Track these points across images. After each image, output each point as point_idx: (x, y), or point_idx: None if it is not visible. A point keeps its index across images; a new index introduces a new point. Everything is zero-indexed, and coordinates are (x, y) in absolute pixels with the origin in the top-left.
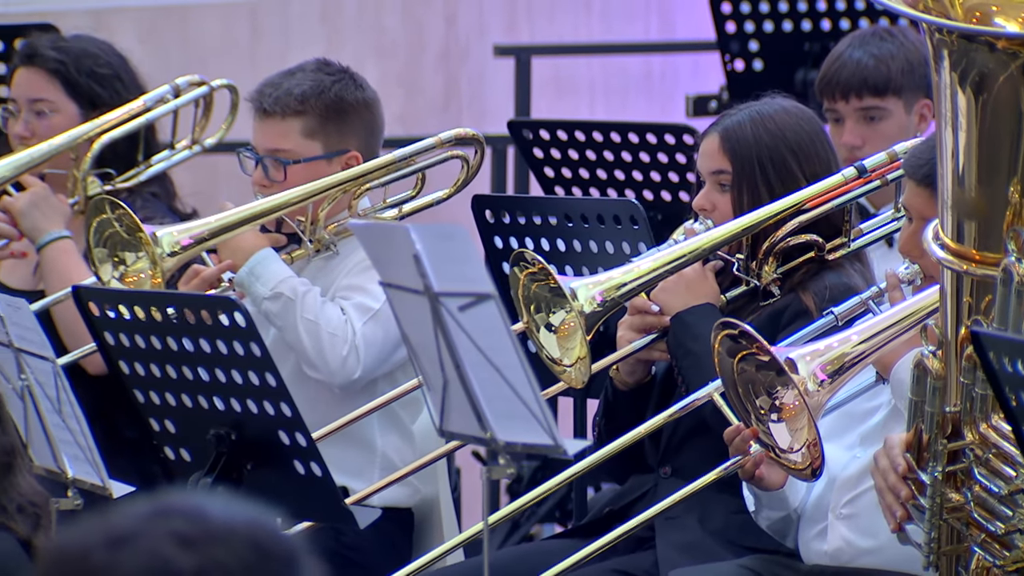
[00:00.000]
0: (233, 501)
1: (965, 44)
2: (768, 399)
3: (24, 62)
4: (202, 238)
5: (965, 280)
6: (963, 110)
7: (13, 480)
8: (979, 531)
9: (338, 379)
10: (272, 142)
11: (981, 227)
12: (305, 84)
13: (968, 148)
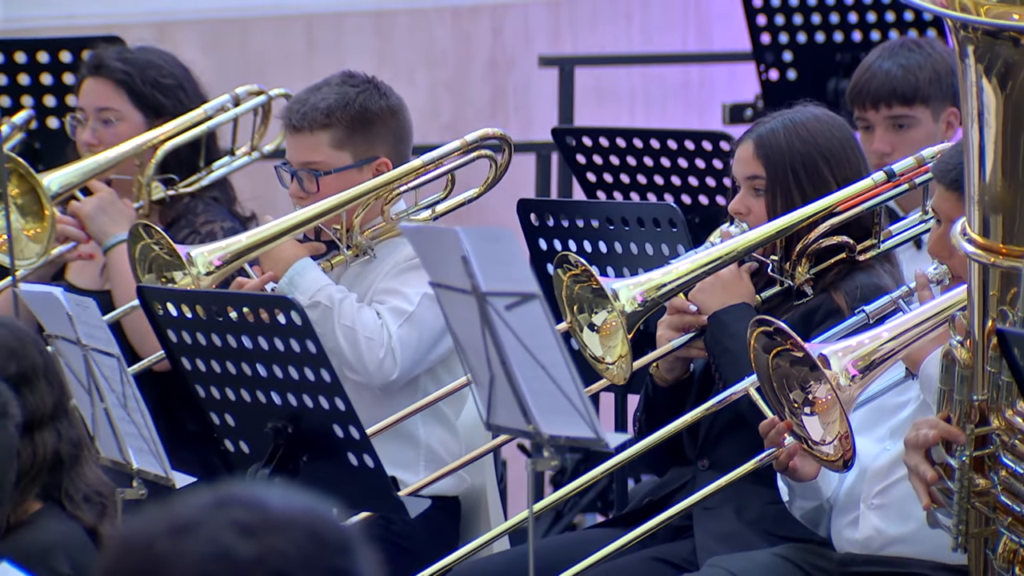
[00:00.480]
0: (291, 492)
1: (990, 40)
2: (801, 393)
3: (91, 72)
4: (233, 257)
5: (992, 273)
6: (988, 106)
7: (80, 471)
8: (1005, 514)
9: (376, 381)
10: (303, 156)
11: (1006, 221)
12: (330, 98)
13: (993, 143)
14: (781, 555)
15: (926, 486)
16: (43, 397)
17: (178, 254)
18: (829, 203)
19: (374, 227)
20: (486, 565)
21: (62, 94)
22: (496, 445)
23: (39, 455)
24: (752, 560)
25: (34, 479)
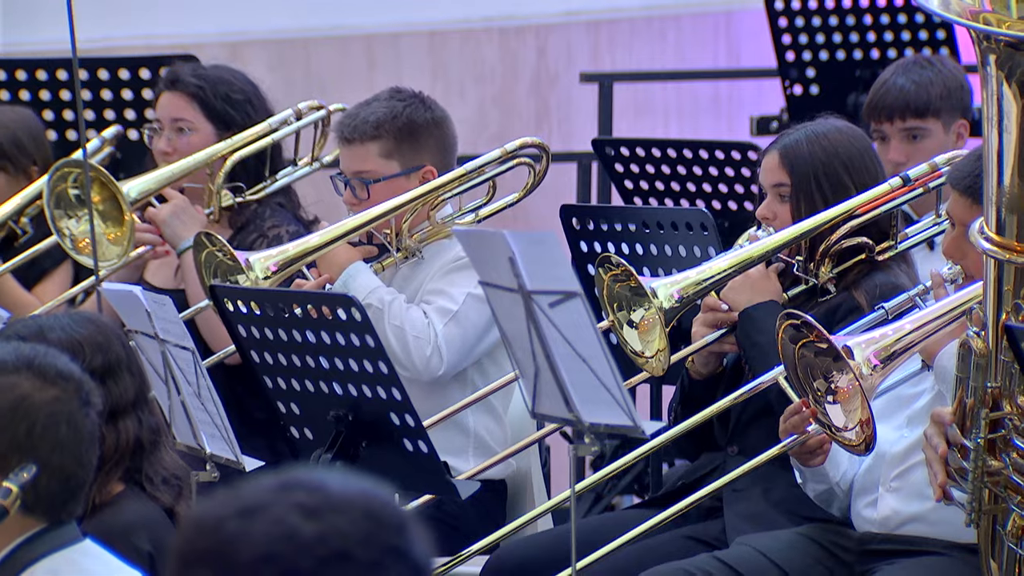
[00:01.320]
0: (350, 476)
1: (1011, 51)
2: (825, 383)
3: (168, 87)
4: (289, 262)
5: (1007, 269)
6: (1008, 112)
7: (159, 455)
8: (1016, 493)
9: (424, 377)
10: (355, 165)
11: (1021, 221)
12: (379, 111)
13: (1013, 148)
14: (804, 534)
15: (941, 460)
16: (125, 388)
17: (238, 260)
18: (849, 207)
19: (421, 231)
20: (531, 542)
21: (141, 108)
22: (543, 435)
23: (121, 441)
24: (777, 539)
25: (117, 463)
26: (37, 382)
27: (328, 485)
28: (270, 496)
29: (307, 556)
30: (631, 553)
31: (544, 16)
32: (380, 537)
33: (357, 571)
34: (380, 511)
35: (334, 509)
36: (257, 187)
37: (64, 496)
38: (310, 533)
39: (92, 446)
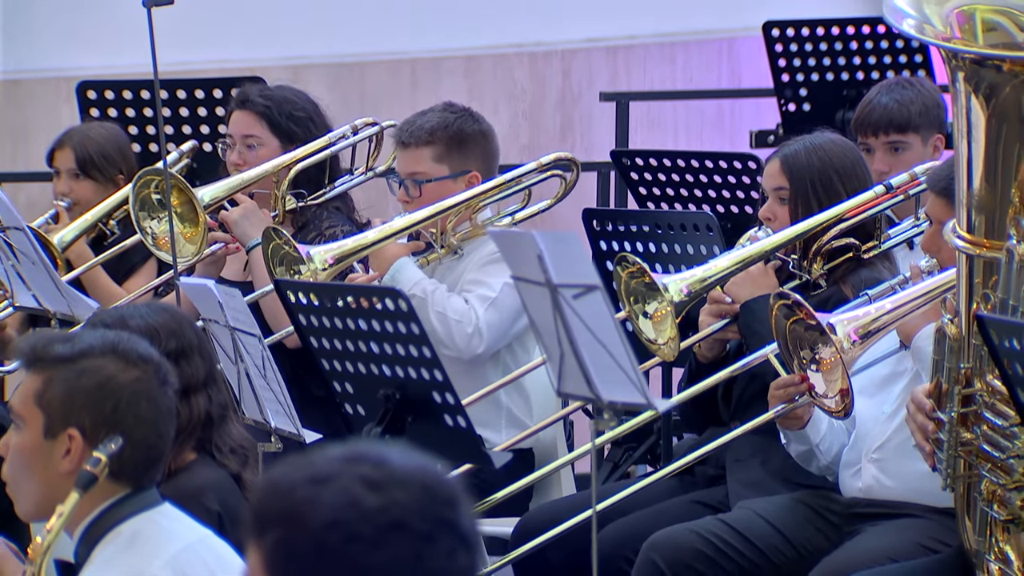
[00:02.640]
0: (409, 451)
1: (976, 67)
2: (811, 353)
3: (238, 106)
4: (344, 256)
5: (976, 263)
6: (976, 123)
7: (227, 428)
8: (986, 461)
9: (466, 355)
10: (410, 167)
11: (989, 220)
12: (433, 120)
13: (979, 155)
14: (798, 499)
15: (924, 434)
16: (197, 368)
17: (300, 252)
18: (840, 211)
19: (463, 230)
20: (556, 506)
21: (214, 124)
22: (567, 412)
23: (194, 415)
24: (774, 503)
25: (190, 434)
26: (121, 364)
27: (390, 460)
28: (338, 467)
29: (368, 524)
30: (644, 516)
31: (568, 42)
32: (434, 510)
33: (412, 540)
34: (436, 486)
35: (395, 483)
36: (317, 193)
37: (145, 465)
38: (373, 504)
39: (169, 420)
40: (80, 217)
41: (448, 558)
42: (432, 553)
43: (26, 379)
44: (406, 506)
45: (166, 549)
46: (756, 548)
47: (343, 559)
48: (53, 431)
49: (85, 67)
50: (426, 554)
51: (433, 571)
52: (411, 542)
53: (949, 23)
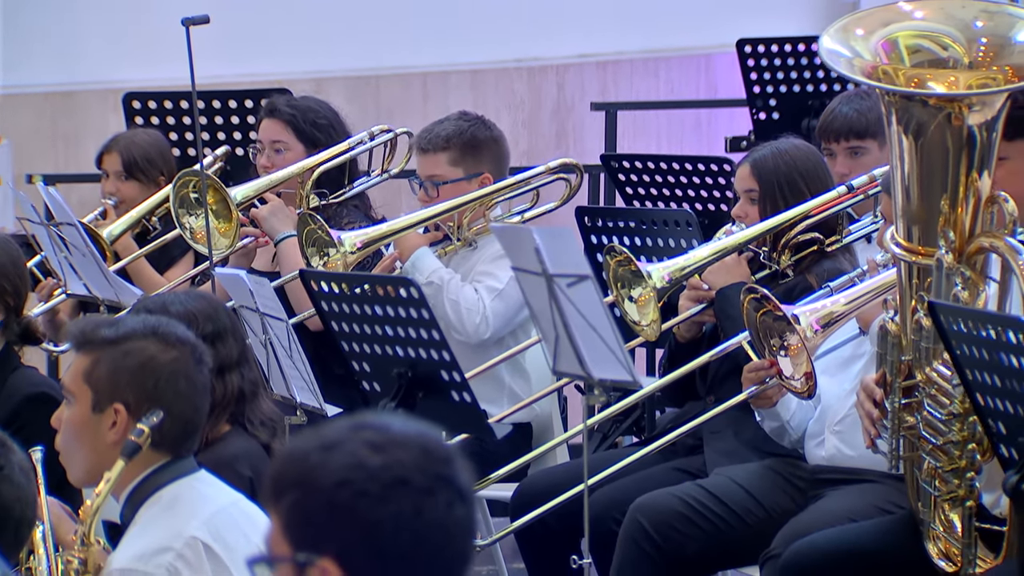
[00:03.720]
0: (408, 419)
1: (906, 102)
2: (779, 341)
3: (267, 114)
4: (371, 241)
5: (913, 267)
6: (906, 151)
7: (258, 403)
8: (927, 443)
9: (473, 340)
10: (428, 170)
11: (922, 231)
12: (449, 128)
13: (912, 176)
14: (768, 466)
15: (871, 421)
16: (231, 349)
17: (332, 236)
18: (805, 209)
19: (477, 226)
20: (552, 472)
21: (246, 131)
22: (561, 385)
23: (228, 391)
24: (747, 470)
25: (224, 408)
26: (161, 346)
27: (391, 426)
28: (345, 434)
29: (374, 482)
30: (631, 482)
31: (563, 58)
32: (432, 467)
33: (413, 494)
34: (432, 447)
35: (396, 445)
36: (337, 192)
37: (183, 435)
38: (376, 463)
39: (204, 396)
40: (126, 214)
41: (446, 510)
42: (432, 506)
43: (76, 359)
44: (406, 464)
45: (202, 511)
46: (731, 510)
47: (353, 514)
48: (100, 406)
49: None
50: (426, 507)
51: (433, 522)
52: (412, 496)
53: (877, 53)
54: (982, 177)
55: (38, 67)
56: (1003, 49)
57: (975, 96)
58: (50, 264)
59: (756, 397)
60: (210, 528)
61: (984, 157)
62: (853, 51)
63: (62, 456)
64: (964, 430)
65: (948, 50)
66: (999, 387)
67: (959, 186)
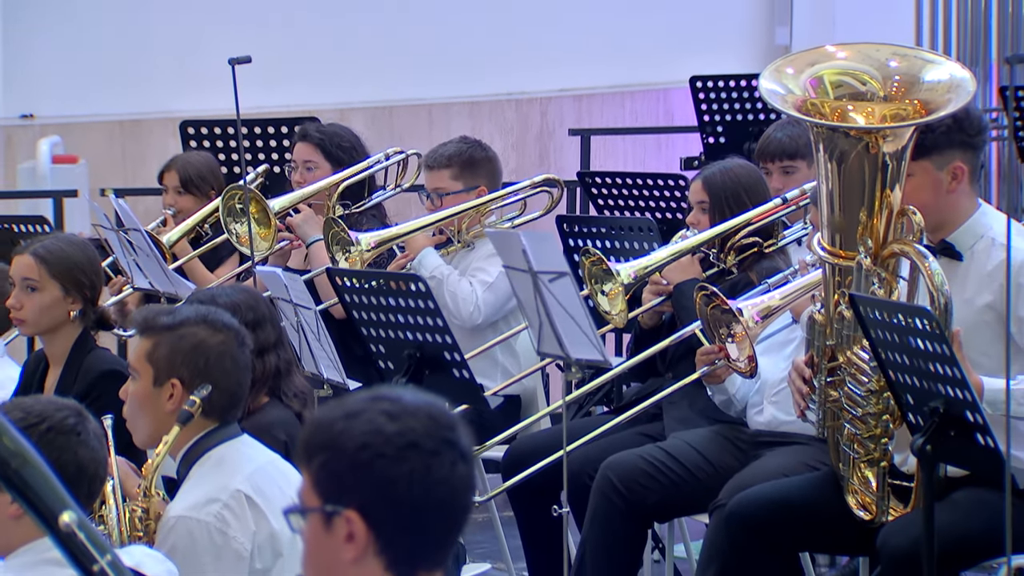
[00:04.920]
0: (418, 392)
1: (830, 133)
2: (726, 330)
3: (300, 139)
4: (384, 241)
5: (836, 268)
6: (830, 173)
7: (292, 379)
8: (848, 414)
9: (468, 325)
10: (434, 183)
11: (844, 238)
12: (451, 149)
13: (835, 193)
14: (716, 431)
15: (801, 396)
16: (269, 334)
17: (351, 236)
18: (747, 217)
19: (474, 230)
20: (537, 437)
21: (282, 152)
22: (543, 365)
23: (266, 368)
24: (698, 434)
25: (263, 383)
26: (210, 331)
27: (404, 397)
28: (365, 404)
29: (390, 445)
30: (600, 445)
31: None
32: (438, 433)
33: (422, 456)
34: (439, 415)
35: (408, 414)
36: (358, 204)
37: (229, 406)
38: (392, 430)
39: (246, 372)
40: (182, 222)
41: (451, 468)
42: (438, 465)
43: (140, 342)
44: (417, 430)
45: (244, 468)
46: (685, 468)
47: (372, 472)
48: (160, 381)
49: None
50: (433, 466)
51: (440, 479)
52: (422, 457)
53: (806, 88)
54: (894, 192)
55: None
56: (913, 86)
57: (888, 129)
58: (120, 264)
59: (707, 376)
60: (251, 483)
61: (895, 177)
62: (786, 88)
63: (128, 423)
64: (879, 403)
65: (866, 85)
66: (908, 365)
67: (875, 201)
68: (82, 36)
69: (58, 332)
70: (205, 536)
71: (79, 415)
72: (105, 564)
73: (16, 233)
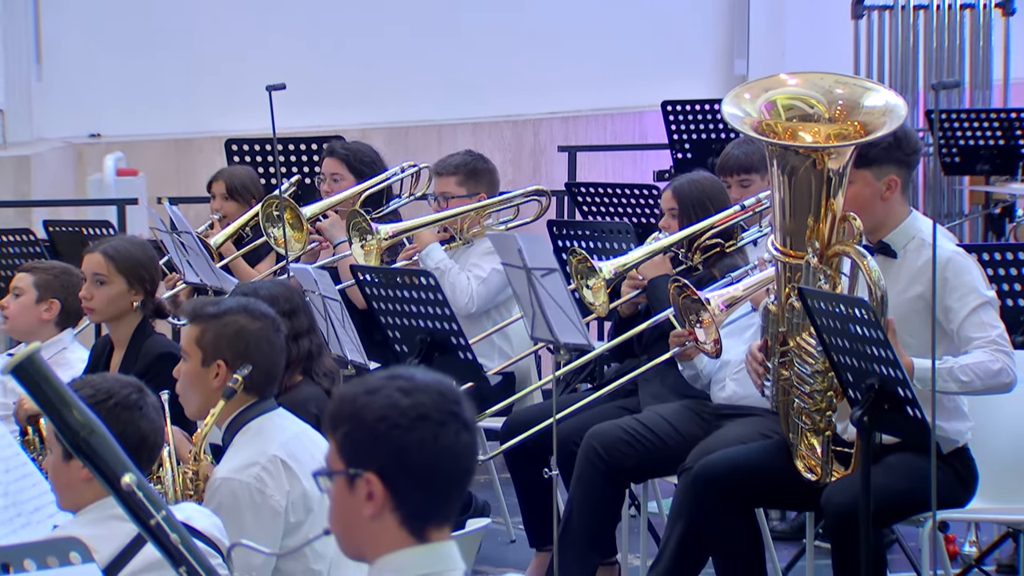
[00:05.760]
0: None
1: (782, 151)
2: (695, 316)
3: (328, 154)
4: (398, 232)
5: (788, 266)
6: (782, 185)
7: (322, 360)
8: (797, 390)
9: (463, 313)
10: (441, 188)
11: (794, 240)
12: (458, 159)
13: (786, 202)
14: (685, 405)
15: (758, 375)
16: (302, 321)
17: (371, 227)
18: (710, 222)
19: (474, 230)
20: (530, 409)
21: (312, 166)
22: (536, 349)
23: (300, 351)
24: (669, 407)
25: (297, 364)
26: (250, 319)
27: (416, 376)
28: (383, 382)
29: (404, 417)
30: (585, 416)
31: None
32: (445, 406)
33: (432, 426)
34: (446, 391)
35: (419, 390)
36: (378, 210)
37: (266, 383)
38: (406, 403)
39: (282, 354)
40: (227, 226)
41: (456, 437)
42: (445, 434)
43: (189, 328)
44: (427, 404)
45: (280, 437)
46: (658, 436)
47: (388, 441)
48: (207, 362)
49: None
50: (440, 435)
51: (446, 446)
52: (431, 427)
53: (761, 111)
54: (837, 201)
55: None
56: (854, 110)
57: (832, 148)
58: (173, 262)
59: (679, 355)
60: (286, 449)
61: (838, 188)
62: (744, 111)
63: (180, 397)
64: (824, 381)
65: (813, 108)
66: (848, 348)
67: (820, 209)
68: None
69: (122, 320)
70: (246, 495)
71: (140, 391)
72: (160, 519)
73: (86, 235)
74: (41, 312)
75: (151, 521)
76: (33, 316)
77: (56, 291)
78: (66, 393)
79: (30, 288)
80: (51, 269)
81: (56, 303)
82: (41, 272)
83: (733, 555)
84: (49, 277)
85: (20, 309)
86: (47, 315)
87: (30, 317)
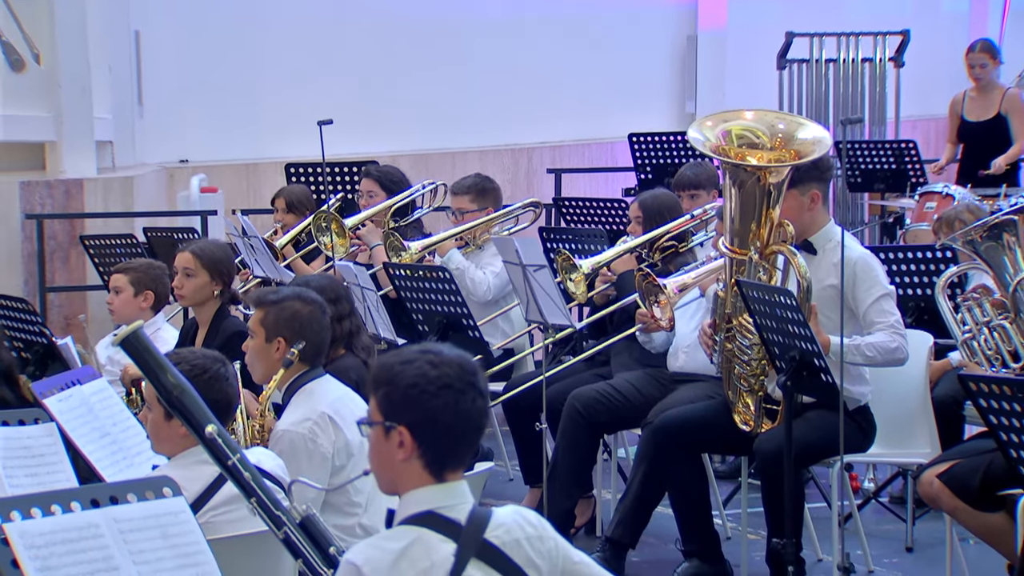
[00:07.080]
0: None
1: (734, 167)
2: (654, 299)
3: (364, 176)
4: (426, 247)
5: (734, 261)
6: (733, 196)
7: (361, 337)
8: (737, 359)
9: (482, 301)
10: (457, 205)
11: (740, 240)
12: (470, 181)
13: (735, 210)
14: (647, 372)
15: (708, 347)
16: (344, 306)
17: (403, 245)
18: (667, 228)
19: (484, 237)
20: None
21: (353, 185)
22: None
23: (343, 330)
24: (635, 374)
25: (341, 340)
26: (302, 304)
27: (443, 351)
28: (415, 355)
29: (432, 384)
30: (568, 381)
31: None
32: (465, 377)
33: (453, 393)
34: (466, 365)
35: (445, 363)
36: (404, 219)
37: (316, 355)
38: (434, 374)
39: (328, 332)
40: (287, 233)
41: (471, 402)
42: (463, 400)
43: (255, 312)
44: (451, 375)
45: (327, 397)
46: (625, 397)
47: (419, 403)
48: (269, 339)
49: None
50: (460, 400)
51: (464, 409)
52: (453, 394)
53: (719, 137)
54: (775, 210)
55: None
56: (790, 140)
57: (772, 168)
58: (245, 260)
59: (642, 329)
60: (332, 407)
61: (776, 200)
62: (705, 136)
63: (249, 367)
64: (758, 353)
65: (759, 138)
66: (775, 327)
67: (762, 216)
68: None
69: (205, 305)
70: (301, 444)
71: (224, 364)
72: (236, 460)
73: (176, 240)
74: (140, 303)
75: (228, 462)
76: (135, 307)
77: (148, 284)
78: (162, 361)
79: (127, 285)
80: (140, 267)
81: (151, 293)
82: (132, 271)
83: (684, 490)
84: (140, 273)
85: (123, 304)
86: (145, 304)
87: (133, 308)
